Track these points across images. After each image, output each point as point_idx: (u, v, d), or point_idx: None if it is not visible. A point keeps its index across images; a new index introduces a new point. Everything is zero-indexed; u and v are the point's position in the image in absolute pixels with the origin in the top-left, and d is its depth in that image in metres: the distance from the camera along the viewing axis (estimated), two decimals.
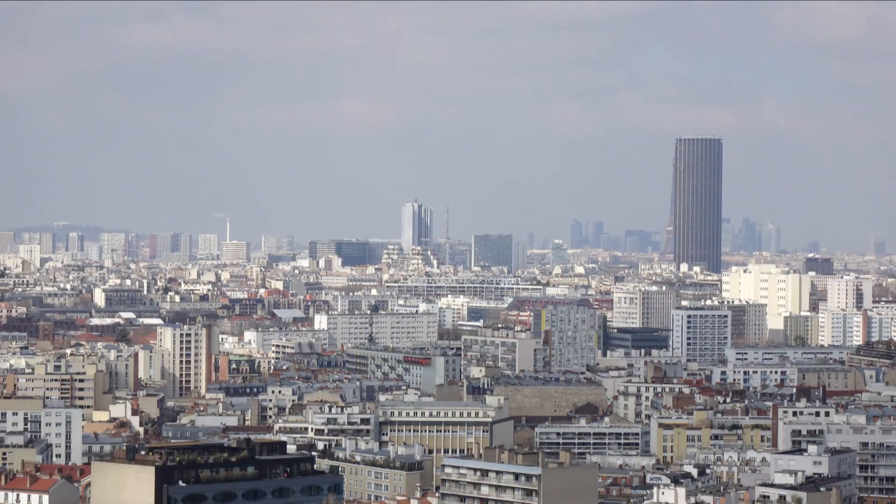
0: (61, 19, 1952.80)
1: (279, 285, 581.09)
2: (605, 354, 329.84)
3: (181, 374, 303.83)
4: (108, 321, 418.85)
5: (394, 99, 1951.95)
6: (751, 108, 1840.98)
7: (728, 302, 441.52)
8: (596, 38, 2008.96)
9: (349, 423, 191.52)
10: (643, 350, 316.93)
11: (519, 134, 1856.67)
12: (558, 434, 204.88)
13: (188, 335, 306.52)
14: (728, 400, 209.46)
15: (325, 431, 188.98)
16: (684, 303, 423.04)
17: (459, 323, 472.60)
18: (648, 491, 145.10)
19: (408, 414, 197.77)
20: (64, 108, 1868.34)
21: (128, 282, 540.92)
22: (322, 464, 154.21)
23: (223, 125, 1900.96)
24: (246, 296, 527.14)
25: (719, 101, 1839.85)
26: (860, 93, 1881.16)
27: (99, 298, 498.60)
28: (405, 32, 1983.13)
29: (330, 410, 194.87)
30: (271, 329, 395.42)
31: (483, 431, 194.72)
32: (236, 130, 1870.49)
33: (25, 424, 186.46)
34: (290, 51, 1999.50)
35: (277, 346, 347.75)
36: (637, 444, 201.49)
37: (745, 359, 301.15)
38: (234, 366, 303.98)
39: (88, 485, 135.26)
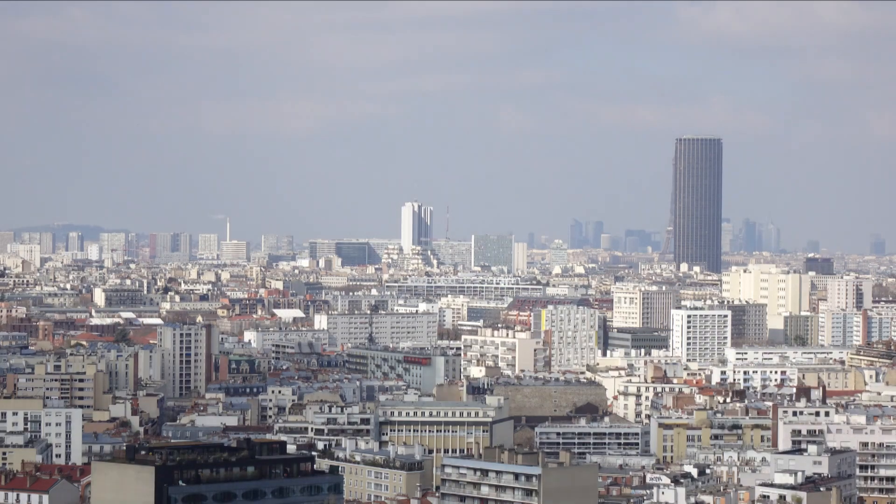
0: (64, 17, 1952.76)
1: (279, 285, 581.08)
2: (605, 354, 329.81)
3: (181, 374, 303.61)
4: (108, 321, 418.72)
5: (394, 98, 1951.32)
6: (750, 108, 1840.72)
7: (728, 302, 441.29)
8: (597, 38, 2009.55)
9: (349, 423, 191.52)
10: (643, 350, 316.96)
11: (519, 134, 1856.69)
12: (558, 434, 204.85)
13: (188, 335, 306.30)
14: (728, 400, 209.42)
15: (325, 431, 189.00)
16: (684, 303, 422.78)
17: (459, 323, 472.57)
18: (648, 491, 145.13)
19: (408, 414, 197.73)
20: (64, 108, 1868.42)
21: (128, 282, 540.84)
22: (322, 464, 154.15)
23: (223, 125, 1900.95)
24: (246, 296, 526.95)
25: (718, 100, 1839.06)
26: (861, 92, 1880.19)
27: (99, 298, 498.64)
28: (391, 26, 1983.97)
29: (330, 410, 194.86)
30: (271, 329, 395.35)
31: (483, 431, 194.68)
32: (237, 130, 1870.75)
33: (25, 424, 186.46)
34: (291, 50, 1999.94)
35: (277, 346, 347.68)
36: (637, 444, 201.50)
37: (745, 359, 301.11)
38: (234, 366, 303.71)
39: (88, 485, 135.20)
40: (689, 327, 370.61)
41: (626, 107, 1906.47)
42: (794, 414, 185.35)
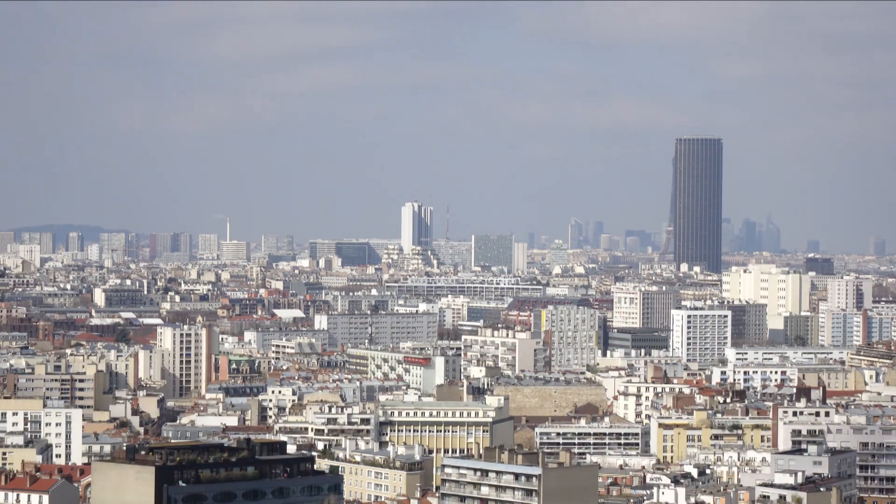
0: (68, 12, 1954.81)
1: (279, 285, 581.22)
2: (605, 354, 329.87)
3: (181, 374, 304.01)
4: (108, 321, 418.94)
5: (394, 98, 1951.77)
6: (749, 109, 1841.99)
7: (728, 302, 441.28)
8: (598, 36, 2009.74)
9: (349, 423, 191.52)
10: (643, 350, 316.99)
11: (519, 133, 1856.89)
12: (558, 434, 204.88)
13: (188, 335, 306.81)
14: (728, 400, 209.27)
15: (325, 431, 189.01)
16: (684, 303, 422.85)
17: (459, 323, 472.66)
18: (648, 491, 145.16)
19: (408, 414, 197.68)
20: (64, 108, 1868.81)
21: (128, 282, 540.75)
22: (322, 464, 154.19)
23: (223, 125, 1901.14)
24: (246, 296, 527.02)
25: (718, 99, 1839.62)
26: (863, 90, 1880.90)
27: (99, 298, 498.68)
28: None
29: (330, 410, 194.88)
30: (271, 329, 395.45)
31: (483, 431, 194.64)
32: (236, 130, 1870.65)
33: (25, 424, 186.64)
34: (295, 51, 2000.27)
35: (277, 346, 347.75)
36: (637, 444, 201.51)
37: (745, 359, 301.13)
38: (234, 366, 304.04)
39: (88, 485, 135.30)
40: (689, 327, 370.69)
41: (625, 106, 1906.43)
42: (795, 414, 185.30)
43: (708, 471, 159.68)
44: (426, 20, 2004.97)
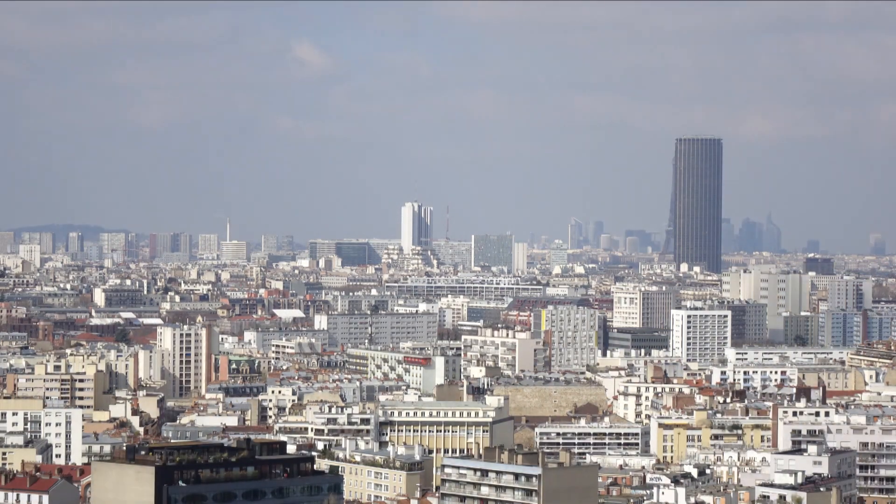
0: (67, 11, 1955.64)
1: (279, 285, 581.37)
2: (605, 354, 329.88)
3: (181, 374, 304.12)
4: (108, 321, 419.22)
5: (393, 97, 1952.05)
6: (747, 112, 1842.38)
7: (728, 302, 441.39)
8: (594, 36, 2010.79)
9: (349, 423, 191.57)
10: (643, 350, 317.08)
11: (519, 133, 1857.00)
12: (558, 434, 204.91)
13: (188, 335, 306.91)
14: (728, 400, 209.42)
15: (325, 431, 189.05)
16: (684, 303, 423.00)
17: (459, 323, 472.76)
18: (648, 491, 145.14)
19: (408, 414, 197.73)
20: (64, 108, 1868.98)
21: (128, 282, 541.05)
22: (322, 464, 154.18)
23: (223, 125, 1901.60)
24: (246, 296, 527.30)
25: (718, 99, 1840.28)
26: (863, 90, 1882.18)
27: (99, 298, 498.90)
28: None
29: (330, 410, 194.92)
30: (271, 329, 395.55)
31: (483, 431, 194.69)
32: (236, 130, 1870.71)
33: (25, 424, 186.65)
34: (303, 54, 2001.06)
35: (277, 346, 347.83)
36: (637, 444, 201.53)
37: (745, 359, 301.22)
38: (234, 366, 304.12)
39: (88, 485, 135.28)
40: (689, 327, 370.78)
41: (625, 106, 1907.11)
42: (794, 414, 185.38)
43: (708, 471, 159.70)
44: (423, 19, 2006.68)
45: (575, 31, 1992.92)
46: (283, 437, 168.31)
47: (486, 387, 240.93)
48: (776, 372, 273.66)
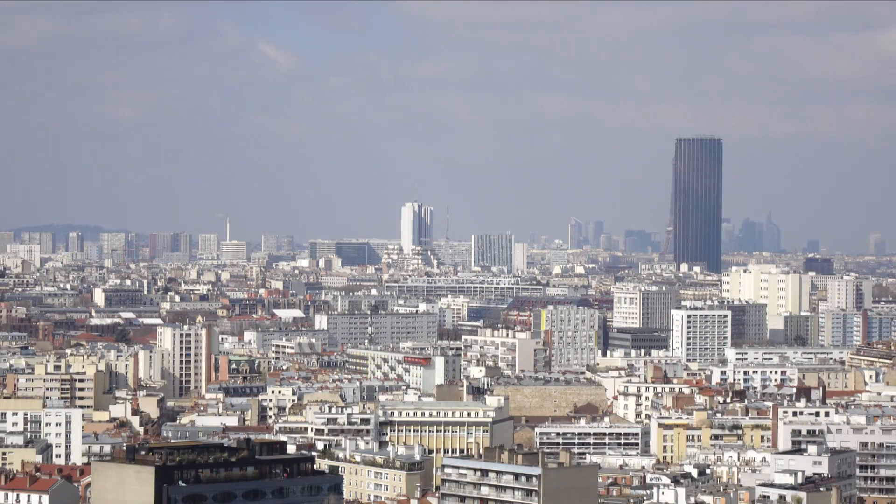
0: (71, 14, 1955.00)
1: (279, 285, 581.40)
2: (605, 354, 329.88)
3: (181, 374, 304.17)
4: (108, 321, 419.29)
5: (394, 97, 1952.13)
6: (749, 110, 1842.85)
7: (728, 302, 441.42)
8: (593, 36, 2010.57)
9: (349, 423, 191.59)
10: (643, 350, 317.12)
11: (519, 133, 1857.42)
12: (558, 434, 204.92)
13: (188, 335, 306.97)
14: (728, 400, 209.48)
15: (325, 431, 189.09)
16: (684, 303, 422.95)
17: (459, 323, 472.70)
18: (648, 491, 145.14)
19: (408, 414, 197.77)
20: (64, 108, 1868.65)
21: (128, 282, 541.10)
22: (322, 464, 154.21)
23: (223, 125, 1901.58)
24: (246, 296, 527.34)
25: (719, 99, 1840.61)
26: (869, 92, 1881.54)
27: (99, 298, 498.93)
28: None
29: (330, 410, 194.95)
30: (271, 329, 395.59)
31: (483, 431, 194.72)
32: (236, 131, 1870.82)
33: (25, 424, 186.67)
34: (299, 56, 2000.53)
35: (277, 346, 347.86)
36: (637, 444, 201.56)
37: (745, 359, 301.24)
38: (234, 366, 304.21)
39: (88, 485, 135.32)
40: (689, 327, 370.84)
41: (626, 106, 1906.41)
42: (794, 414, 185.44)
43: (708, 471, 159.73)
44: (426, 19, 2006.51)
45: (575, 31, 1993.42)
46: (283, 437, 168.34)
47: (486, 387, 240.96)
48: (776, 372, 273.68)
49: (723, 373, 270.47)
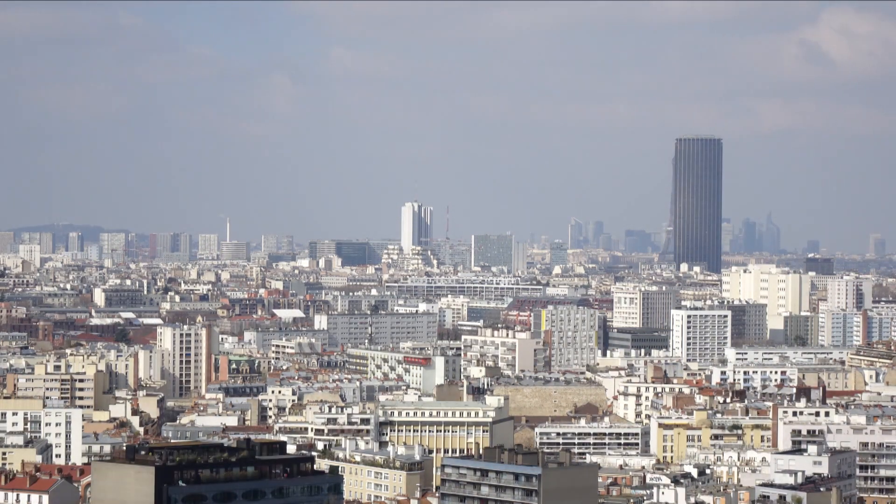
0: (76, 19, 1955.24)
1: (279, 285, 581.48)
2: (605, 354, 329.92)
3: (181, 374, 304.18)
4: (108, 321, 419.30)
5: (394, 97, 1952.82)
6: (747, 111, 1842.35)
7: (728, 302, 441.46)
8: (593, 36, 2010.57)
9: (349, 423, 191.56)
10: (643, 350, 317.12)
11: (519, 133, 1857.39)
12: (558, 434, 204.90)
13: (188, 335, 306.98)
14: (728, 400, 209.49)
15: (325, 431, 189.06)
16: (684, 303, 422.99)
17: (459, 323, 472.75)
18: (648, 491, 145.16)
19: (408, 414, 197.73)
20: (64, 108, 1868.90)
21: (128, 282, 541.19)
22: (322, 464, 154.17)
23: (223, 125, 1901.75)
24: (246, 296, 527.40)
25: (719, 99, 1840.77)
26: (870, 92, 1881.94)
27: (99, 298, 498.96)
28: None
29: (330, 410, 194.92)
30: (271, 329, 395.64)
31: (483, 431, 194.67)
32: (236, 131, 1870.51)
33: (25, 424, 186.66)
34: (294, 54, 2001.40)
35: (277, 346, 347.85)
36: (637, 444, 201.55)
37: (745, 359, 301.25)
38: (234, 366, 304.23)
39: (88, 485, 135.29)
40: (689, 327, 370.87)
41: (625, 106, 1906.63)
42: (794, 414, 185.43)
43: (708, 471, 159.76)
44: (428, 17, 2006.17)
45: (575, 31, 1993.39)
46: (283, 437, 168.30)
47: (486, 387, 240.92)
48: (776, 372, 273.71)
49: (723, 373, 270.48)
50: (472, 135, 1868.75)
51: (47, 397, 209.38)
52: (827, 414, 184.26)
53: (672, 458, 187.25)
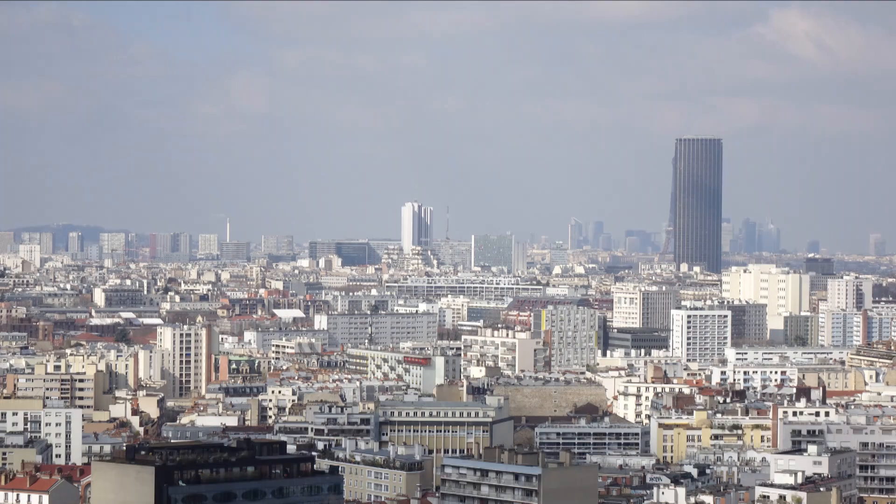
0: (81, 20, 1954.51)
1: (279, 285, 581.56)
2: (605, 354, 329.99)
3: (181, 374, 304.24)
4: (108, 321, 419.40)
5: (394, 97, 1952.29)
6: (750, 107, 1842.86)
7: (728, 302, 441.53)
8: (592, 35, 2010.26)
9: (349, 423, 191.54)
10: (643, 350, 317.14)
11: (519, 134, 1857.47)
12: (558, 434, 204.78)
13: (188, 335, 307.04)
14: (728, 400, 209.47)
15: (325, 431, 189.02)
16: (684, 303, 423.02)
17: (459, 323, 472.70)
18: (648, 491, 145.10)
19: (408, 414, 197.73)
20: (64, 108, 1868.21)
21: (128, 282, 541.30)
22: (322, 464, 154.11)
23: (223, 125, 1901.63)
24: (246, 296, 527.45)
25: (719, 99, 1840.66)
26: (864, 89, 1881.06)
27: (99, 298, 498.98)
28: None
29: (330, 410, 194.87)
30: (271, 329, 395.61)
31: (483, 431, 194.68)
32: (236, 131, 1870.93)
33: (25, 424, 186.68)
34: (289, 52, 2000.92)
35: (277, 346, 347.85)
36: (637, 444, 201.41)
37: (745, 359, 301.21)
38: (234, 366, 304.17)
39: (88, 485, 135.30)
40: (689, 327, 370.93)
41: (625, 106, 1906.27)
42: (794, 414, 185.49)
43: (708, 471, 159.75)
44: (428, 19, 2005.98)
45: (574, 31, 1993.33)
46: (283, 437, 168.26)
47: (486, 387, 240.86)
48: (776, 372, 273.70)
49: (723, 373, 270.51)
50: (472, 135, 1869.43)
51: (47, 397, 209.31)
52: (827, 414, 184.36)
53: (672, 458, 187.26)
